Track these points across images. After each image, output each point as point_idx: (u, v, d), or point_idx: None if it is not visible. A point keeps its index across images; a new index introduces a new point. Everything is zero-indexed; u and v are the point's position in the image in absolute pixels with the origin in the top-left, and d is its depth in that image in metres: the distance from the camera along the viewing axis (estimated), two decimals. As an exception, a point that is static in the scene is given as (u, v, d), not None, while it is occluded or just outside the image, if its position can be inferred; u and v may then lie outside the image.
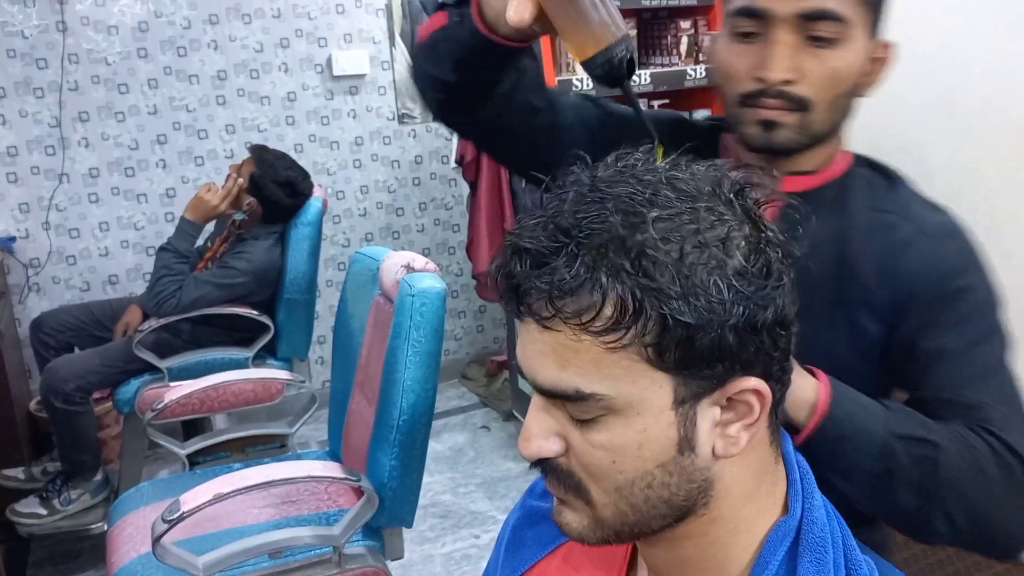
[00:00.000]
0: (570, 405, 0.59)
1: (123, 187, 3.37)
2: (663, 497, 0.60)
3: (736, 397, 0.59)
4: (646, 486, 0.60)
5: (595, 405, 0.58)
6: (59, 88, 3.20)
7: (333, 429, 2.16)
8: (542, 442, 0.61)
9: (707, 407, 0.59)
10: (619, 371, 0.57)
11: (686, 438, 0.59)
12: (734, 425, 0.60)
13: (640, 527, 0.62)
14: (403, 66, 3.74)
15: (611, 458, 0.59)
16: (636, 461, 0.59)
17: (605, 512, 0.62)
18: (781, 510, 0.65)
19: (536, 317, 0.58)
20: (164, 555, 1.60)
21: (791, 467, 0.66)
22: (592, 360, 0.57)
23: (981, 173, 2.40)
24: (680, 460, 0.59)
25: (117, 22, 3.25)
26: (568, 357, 0.57)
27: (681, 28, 3.01)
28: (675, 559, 0.66)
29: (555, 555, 0.78)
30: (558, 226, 0.57)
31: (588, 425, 0.59)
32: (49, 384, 2.66)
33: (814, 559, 0.61)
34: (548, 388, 0.59)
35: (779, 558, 0.62)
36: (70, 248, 3.34)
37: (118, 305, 3.05)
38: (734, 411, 0.60)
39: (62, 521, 2.76)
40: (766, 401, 0.59)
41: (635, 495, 0.60)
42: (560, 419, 0.61)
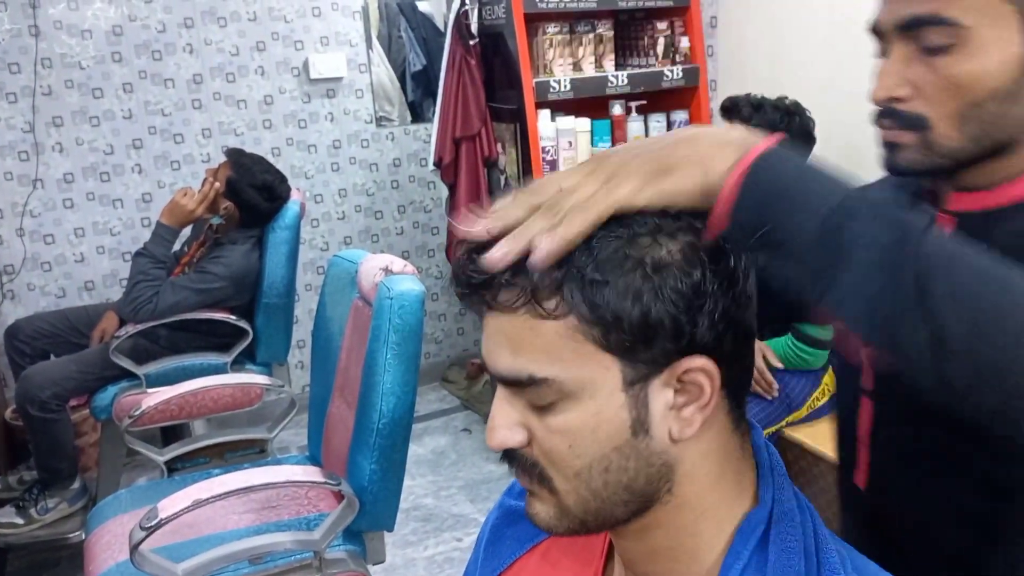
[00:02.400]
0: (527, 391, 0.62)
1: (98, 192, 3.34)
2: (622, 482, 0.62)
3: (686, 378, 0.61)
4: (603, 470, 0.61)
5: (549, 390, 0.60)
6: (32, 93, 3.17)
7: (313, 433, 2.16)
8: (506, 432, 0.64)
9: (659, 389, 0.61)
10: (568, 354, 0.59)
11: (639, 420, 0.61)
12: (688, 408, 0.62)
13: (604, 515, 0.63)
14: (380, 69, 3.73)
15: (568, 442, 0.61)
16: (592, 445, 0.61)
17: (568, 500, 0.63)
18: (752, 500, 0.66)
19: (492, 306, 0.62)
20: (142, 563, 1.59)
21: (761, 457, 0.68)
22: (543, 346, 0.60)
23: (954, 172, 2.43)
24: (635, 443, 0.61)
25: (91, 26, 3.22)
26: (521, 343, 0.60)
27: (658, 29, 3.02)
28: (646, 549, 0.67)
29: (534, 552, 0.79)
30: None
31: (545, 411, 0.62)
32: (25, 392, 2.63)
33: (785, 547, 0.62)
34: (504, 375, 0.62)
35: (751, 547, 0.63)
36: (45, 254, 3.31)
37: (94, 311, 3.02)
38: (687, 393, 0.61)
39: (40, 530, 2.73)
40: (715, 380, 0.61)
41: (594, 479, 0.62)
42: (521, 408, 0.63)
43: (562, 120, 2.91)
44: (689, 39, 3.02)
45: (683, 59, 3.04)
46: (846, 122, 2.79)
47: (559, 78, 2.87)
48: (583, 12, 2.94)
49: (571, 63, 2.95)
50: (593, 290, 0.58)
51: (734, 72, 3.40)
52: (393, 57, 3.85)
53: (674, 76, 3.00)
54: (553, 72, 2.90)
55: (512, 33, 2.79)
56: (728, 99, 2.53)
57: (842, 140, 2.79)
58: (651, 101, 3.06)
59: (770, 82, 3.11)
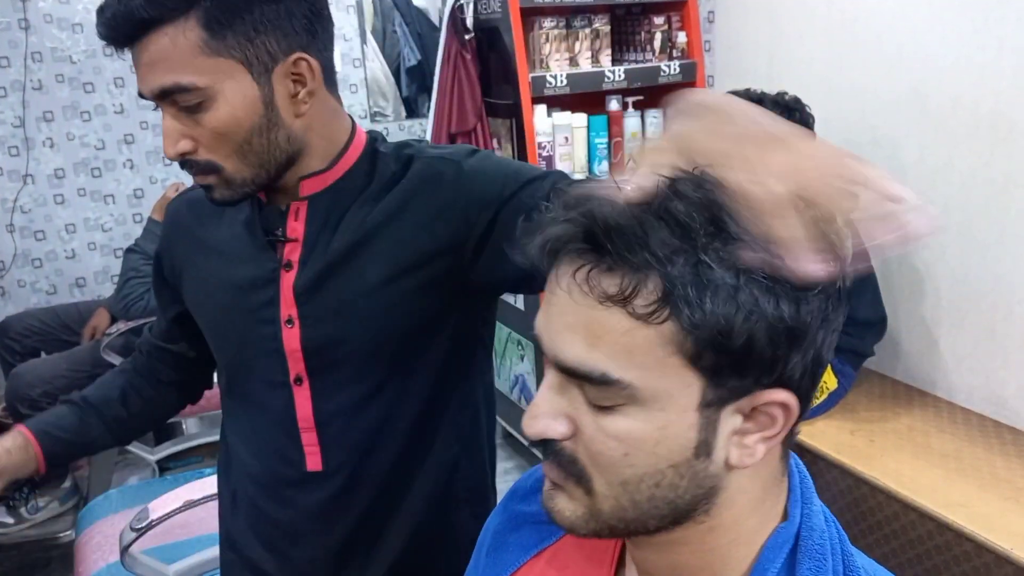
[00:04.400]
0: (590, 388, 0.56)
1: (90, 188, 3.30)
2: (668, 499, 0.58)
3: (762, 408, 0.57)
4: (654, 484, 0.57)
5: (618, 393, 0.55)
6: (22, 87, 3.14)
7: (307, 432, 2.13)
8: (550, 421, 0.58)
9: (730, 414, 0.56)
10: (651, 362, 0.54)
11: (705, 442, 0.56)
12: (752, 436, 0.57)
13: (636, 525, 0.59)
14: (375, 64, 3.70)
15: (624, 450, 0.56)
16: (650, 457, 0.56)
17: (604, 504, 0.59)
18: (780, 516, 0.63)
19: (575, 286, 0.55)
20: (133, 564, 1.56)
21: (791, 473, 0.65)
22: (625, 346, 0.54)
23: (954, 167, 2.41)
24: (694, 464, 0.57)
25: (81, 20, 3.18)
26: (600, 336, 0.54)
27: (655, 24, 3.00)
28: (669, 564, 0.64)
29: (539, 559, 0.75)
30: (638, 206, 0.54)
31: (605, 412, 0.56)
32: (15, 390, 2.61)
33: (813, 566, 0.59)
34: (571, 366, 0.56)
35: (778, 565, 0.60)
36: (36, 250, 3.28)
37: (85, 308, 2.99)
38: (755, 421, 0.57)
39: (30, 530, 2.70)
40: (792, 416, 0.57)
41: (640, 492, 0.57)
42: (574, 400, 0.58)
43: (558, 115, 2.88)
44: (686, 34, 3.00)
45: (680, 54, 3.02)
46: (845, 117, 2.77)
47: (555, 73, 2.84)
48: (579, 6, 2.91)
49: (567, 58, 2.93)
50: (703, 303, 0.52)
51: (731, 67, 3.38)
52: (388, 52, 3.82)
53: (671, 71, 2.98)
54: (549, 67, 2.88)
55: (508, 28, 2.76)
56: (727, 94, 2.51)
57: (841, 135, 2.77)
58: (648, 96, 3.04)
59: (768, 77, 3.09)
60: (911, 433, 2.37)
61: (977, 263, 2.39)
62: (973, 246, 2.39)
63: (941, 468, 2.17)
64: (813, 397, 0.60)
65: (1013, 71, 2.21)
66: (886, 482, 2.12)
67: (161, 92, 0.91)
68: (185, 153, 0.94)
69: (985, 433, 2.33)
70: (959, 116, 2.38)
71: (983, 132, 2.31)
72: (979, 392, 2.46)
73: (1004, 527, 1.89)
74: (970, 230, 2.39)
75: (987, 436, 2.31)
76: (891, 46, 2.58)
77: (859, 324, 2.46)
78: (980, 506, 1.98)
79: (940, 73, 2.42)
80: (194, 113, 0.91)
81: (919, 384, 2.66)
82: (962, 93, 2.36)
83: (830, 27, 2.80)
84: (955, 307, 2.49)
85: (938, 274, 2.53)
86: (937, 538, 1.98)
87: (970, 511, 1.96)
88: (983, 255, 2.37)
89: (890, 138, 2.63)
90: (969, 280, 2.42)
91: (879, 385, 2.70)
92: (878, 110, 2.66)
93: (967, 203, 2.39)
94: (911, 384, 2.68)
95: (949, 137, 2.42)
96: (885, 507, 2.12)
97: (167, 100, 0.92)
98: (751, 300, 0.52)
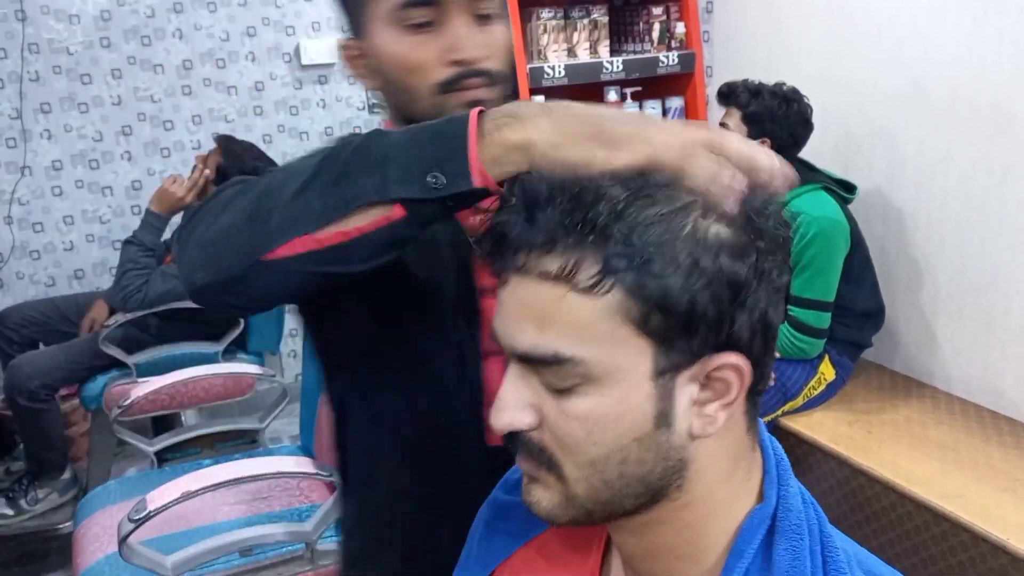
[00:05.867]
0: (547, 371, 0.57)
1: (87, 180, 3.30)
2: (638, 475, 0.59)
3: (715, 374, 0.58)
4: (621, 461, 0.58)
5: (573, 371, 0.56)
6: (19, 79, 3.13)
7: (305, 424, 2.14)
8: (515, 412, 0.59)
9: (685, 383, 0.58)
10: (602, 334, 0.55)
11: (663, 412, 0.57)
12: (712, 404, 0.58)
13: (612, 506, 0.60)
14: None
15: (586, 430, 0.57)
16: (612, 434, 0.57)
17: (577, 488, 0.60)
18: (756, 498, 0.64)
19: (521, 270, 0.57)
20: (131, 555, 1.56)
21: (767, 455, 0.65)
22: (574, 322, 0.55)
23: (952, 160, 2.41)
24: (656, 436, 0.58)
25: (78, 11, 3.17)
26: (550, 317, 0.56)
27: (653, 15, 2.99)
28: (649, 545, 0.64)
29: (529, 547, 0.76)
30: (556, 183, 0.57)
31: (564, 394, 0.57)
32: (13, 382, 2.61)
33: (790, 546, 0.59)
34: (525, 351, 0.58)
35: (755, 545, 0.61)
36: (34, 242, 3.27)
37: (84, 300, 2.99)
38: (712, 389, 0.58)
39: (29, 521, 2.71)
40: (745, 379, 0.58)
41: (609, 470, 0.58)
42: (535, 388, 0.59)
43: (557, 107, 2.88)
44: (685, 25, 2.99)
45: (679, 45, 3.01)
46: (843, 108, 2.77)
47: (553, 64, 2.83)
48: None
49: (565, 49, 2.92)
50: (644, 268, 0.54)
51: (730, 58, 3.37)
52: (386, 43, 3.81)
53: (670, 62, 2.97)
54: (547, 58, 2.87)
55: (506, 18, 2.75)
56: (725, 84, 2.50)
57: (839, 127, 2.77)
58: (646, 87, 3.03)
59: (766, 68, 3.08)
60: (908, 424, 2.37)
61: (975, 255, 2.39)
62: (972, 238, 2.39)
63: (938, 459, 2.17)
64: (768, 364, 0.61)
65: (1012, 63, 2.20)
66: (883, 473, 2.13)
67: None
68: (480, 59, 0.92)
69: (982, 424, 2.33)
70: (958, 108, 2.37)
71: (982, 124, 2.30)
72: (977, 383, 2.46)
73: (1000, 517, 1.89)
74: (969, 222, 2.39)
75: (984, 427, 2.31)
76: (890, 37, 2.57)
77: (857, 315, 2.46)
78: (977, 497, 1.99)
79: (939, 65, 2.42)
80: (486, 24, 0.93)
81: (917, 375, 2.66)
82: (961, 85, 2.36)
83: (829, 18, 2.79)
84: (953, 298, 2.49)
85: (936, 266, 2.52)
86: (933, 528, 1.99)
87: (967, 502, 1.96)
88: (981, 247, 2.37)
89: (889, 130, 2.62)
90: (967, 272, 2.42)
91: (877, 376, 2.70)
92: (877, 102, 2.66)
93: (966, 195, 2.38)
94: (909, 375, 2.68)
95: (948, 129, 2.41)
96: (882, 498, 2.13)
97: (472, 3, 0.91)
98: (688, 257, 0.54)
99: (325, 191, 0.71)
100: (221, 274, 0.76)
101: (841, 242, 2.35)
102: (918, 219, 2.55)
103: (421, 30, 0.89)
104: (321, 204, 0.71)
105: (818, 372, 2.43)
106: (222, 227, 0.77)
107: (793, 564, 0.59)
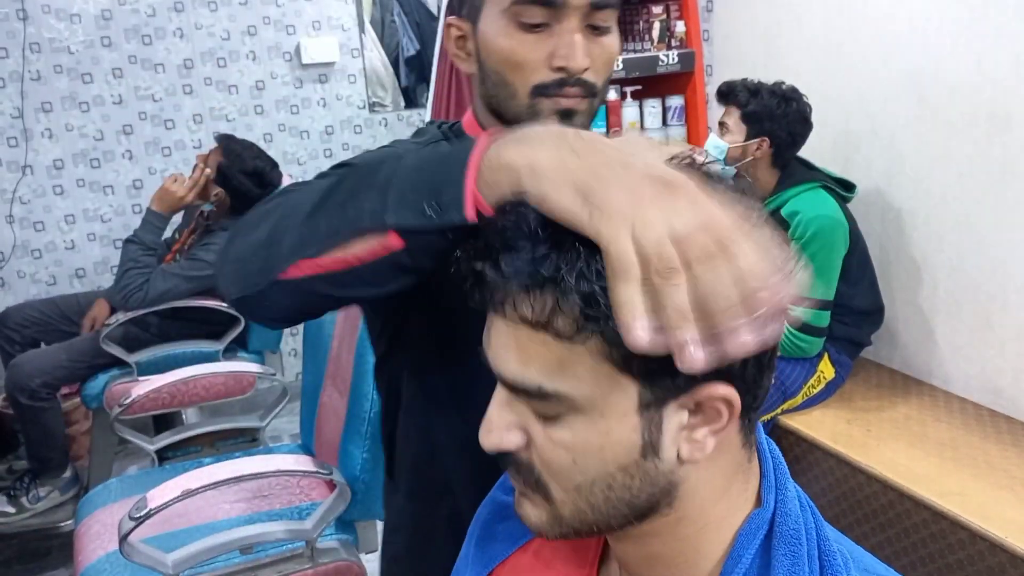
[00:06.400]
0: (533, 401, 0.58)
1: (88, 179, 3.31)
2: (624, 499, 0.59)
3: (705, 403, 0.57)
4: (606, 487, 0.58)
5: (558, 404, 0.56)
6: (21, 78, 3.13)
7: (305, 422, 2.14)
8: (503, 433, 0.60)
9: (674, 411, 0.57)
10: (583, 372, 0.55)
11: (650, 443, 0.57)
12: (701, 430, 0.58)
13: (600, 525, 0.61)
14: (373, 54, 3.70)
15: (571, 457, 0.58)
16: (597, 463, 0.57)
17: (564, 510, 0.60)
18: (754, 503, 0.63)
19: (499, 311, 0.57)
20: (132, 553, 1.57)
21: (764, 459, 0.65)
22: (556, 359, 0.55)
23: (951, 157, 2.41)
24: (643, 464, 0.57)
25: (79, 10, 3.18)
26: (531, 354, 0.56)
27: (653, 14, 2.99)
28: (645, 554, 0.65)
29: (526, 550, 0.76)
30: (528, 226, 0.55)
31: (551, 422, 0.58)
32: (15, 380, 2.61)
33: (788, 551, 0.59)
34: (510, 381, 0.58)
35: (752, 551, 0.60)
36: (35, 241, 3.28)
37: (85, 299, 3.00)
38: (702, 415, 0.57)
39: (31, 519, 2.72)
40: (735, 409, 0.57)
41: (595, 495, 0.59)
42: (523, 413, 0.59)
43: (556, 105, 2.88)
44: (685, 23, 2.99)
45: (679, 44, 3.01)
46: (842, 107, 2.77)
47: (553, 63, 2.84)
48: (578, -4, 2.91)
49: (565, 48, 2.92)
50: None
51: (730, 57, 3.37)
52: (386, 42, 3.81)
53: (670, 61, 2.97)
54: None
55: (506, 17, 2.76)
56: (725, 83, 2.51)
57: (838, 125, 2.77)
58: (646, 86, 3.03)
59: (766, 67, 3.08)
60: (907, 422, 2.38)
61: (974, 252, 2.39)
62: (970, 235, 2.39)
63: (937, 457, 2.17)
64: (764, 387, 0.59)
65: (1010, 61, 2.20)
66: (882, 471, 2.13)
67: (599, 2, 0.89)
68: (585, 70, 0.91)
69: (981, 422, 2.34)
70: (957, 105, 2.37)
71: (981, 121, 2.31)
72: (975, 381, 2.46)
73: (999, 515, 1.90)
74: (967, 219, 2.39)
75: (983, 425, 2.32)
76: (888, 36, 2.57)
77: (856, 314, 2.46)
78: (975, 495, 1.99)
79: (938, 63, 2.42)
80: (599, 35, 0.91)
81: (915, 373, 2.66)
82: (960, 82, 2.36)
83: (828, 17, 2.80)
84: (952, 297, 2.49)
85: (935, 264, 2.53)
86: (932, 526, 1.99)
87: (965, 500, 1.97)
88: (980, 244, 2.37)
89: (887, 127, 2.63)
90: (966, 269, 2.42)
91: (876, 374, 2.70)
92: (875, 100, 2.66)
93: (964, 192, 2.39)
94: (908, 373, 2.69)
95: (947, 126, 2.41)
96: (881, 496, 2.13)
97: (590, 13, 0.90)
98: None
99: (331, 213, 0.70)
100: (247, 290, 0.77)
101: (840, 241, 2.35)
102: (917, 217, 2.56)
103: (534, 29, 0.89)
104: (326, 227, 0.70)
105: (817, 371, 2.43)
106: (250, 244, 0.78)
107: (792, 569, 0.58)
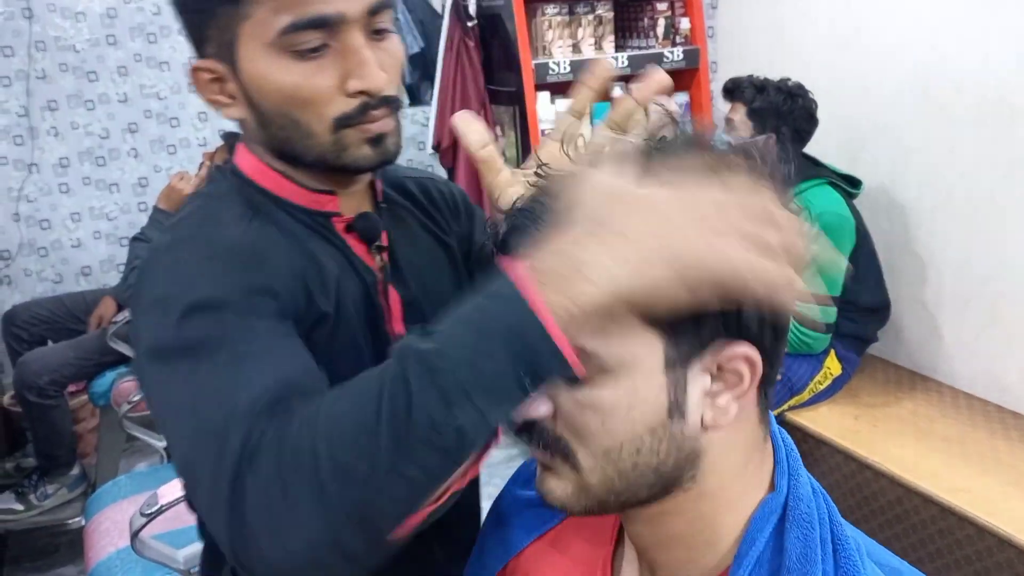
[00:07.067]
0: None
1: (94, 177, 3.31)
2: (651, 465, 0.60)
3: (726, 366, 0.59)
4: (635, 451, 0.59)
5: (586, 364, 0.57)
6: (26, 76, 3.14)
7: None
8: (531, 402, 0.60)
9: (698, 374, 0.59)
10: (612, 327, 0.56)
11: (676, 403, 0.58)
12: (724, 395, 0.59)
13: (626, 496, 0.61)
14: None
15: (600, 419, 0.59)
16: (626, 423, 0.58)
17: (591, 478, 0.61)
18: (768, 488, 0.65)
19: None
20: (143, 549, 1.57)
21: (777, 445, 0.67)
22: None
23: (957, 153, 2.41)
24: (670, 426, 0.59)
25: (85, 8, 3.18)
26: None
27: (658, 10, 2.99)
28: (662, 535, 0.65)
29: (542, 541, 0.77)
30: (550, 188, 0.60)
31: (578, 384, 0.58)
32: (22, 378, 2.62)
33: (801, 534, 0.61)
34: None
35: (766, 534, 0.62)
36: (41, 240, 3.29)
37: (92, 297, 3.00)
38: (724, 381, 0.59)
39: (39, 516, 2.72)
40: (756, 370, 0.59)
41: (623, 460, 0.59)
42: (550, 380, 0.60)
43: (562, 102, 2.88)
44: (690, 20, 2.99)
45: (683, 40, 3.01)
46: (848, 103, 2.77)
47: (558, 60, 2.84)
48: (583, -7, 2.91)
49: (570, 44, 2.92)
50: None
51: (735, 53, 3.37)
52: (390, 39, 3.81)
53: (674, 58, 2.98)
54: (552, 54, 2.88)
55: (511, 15, 2.76)
56: (731, 80, 2.51)
57: (844, 121, 2.77)
58: (651, 83, 3.03)
59: (771, 64, 3.08)
60: (914, 418, 2.38)
61: (980, 249, 2.39)
62: (977, 232, 2.39)
63: (944, 453, 2.18)
64: (779, 354, 0.62)
65: (1017, 56, 2.20)
66: (889, 467, 2.14)
67: (377, 6, 0.78)
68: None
69: (988, 418, 2.34)
70: (963, 102, 2.37)
71: (987, 118, 2.30)
72: (982, 377, 2.46)
73: (1006, 511, 1.90)
74: (974, 216, 2.39)
75: (990, 421, 2.32)
76: (894, 32, 2.57)
77: (863, 310, 2.47)
78: (982, 491, 1.99)
79: (943, 59, 2.42)
80: (381, 39, 0.81)
81: (922, 369, 2.66)
82: (966, 79, 2.36)
83: (833, 13, 2.80)
84: (958, 293, 2.49)
85: (941, 260, 2.53)
86: (940, 522, 1.99)
87: (972, 496, 1.97)
88: (986, 241, 2.37)
89: (893, 124, 2.63)
90: (972, 266, 2.42)
91: (882, 370, 2.71)
92: (882, 96, 2.66)
93: (970, 189, 2.39)
94: (914, 369, 2.69)
95: (953, 123, 2.41)
96: (888, 492, 2.14)
97: (370, 19, 0.79)
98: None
99: (417, 455, 0.56)
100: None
101: (847, 237, 2.36)
102: (923, 213, 2.56)
103: (313, 55, 0.75)
104: (421, 472, 0.57)
105: (824, 367, 2.44)
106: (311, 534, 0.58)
107: (804, 552, 0.60)
